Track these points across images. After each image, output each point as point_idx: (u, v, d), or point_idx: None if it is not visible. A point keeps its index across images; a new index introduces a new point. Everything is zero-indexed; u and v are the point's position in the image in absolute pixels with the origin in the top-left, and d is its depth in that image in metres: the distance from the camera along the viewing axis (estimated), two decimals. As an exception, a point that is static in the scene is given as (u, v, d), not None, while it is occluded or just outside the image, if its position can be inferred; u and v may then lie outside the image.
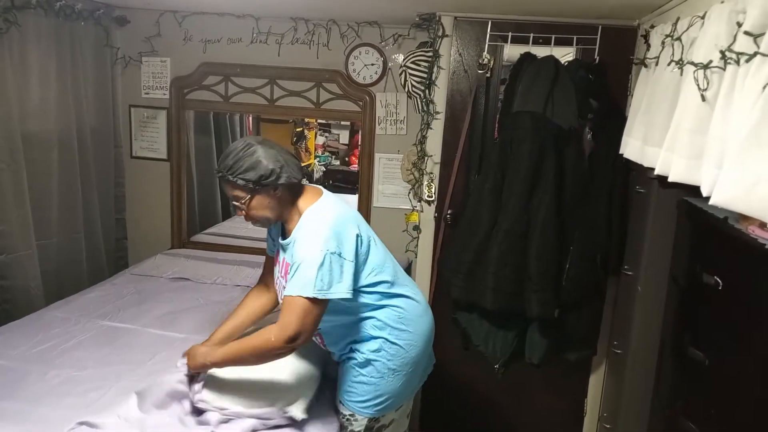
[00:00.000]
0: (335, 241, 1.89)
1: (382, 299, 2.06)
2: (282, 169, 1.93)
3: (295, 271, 1.87)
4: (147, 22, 3.61)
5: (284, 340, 1.82)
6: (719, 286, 1.64)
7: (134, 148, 3.84)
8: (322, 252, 1.85)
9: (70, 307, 2.87)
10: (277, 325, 1.85)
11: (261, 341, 1.88)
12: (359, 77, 3.53)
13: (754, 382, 1.43)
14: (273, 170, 1.91)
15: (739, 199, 1.24)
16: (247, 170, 1.91)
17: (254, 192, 1.94)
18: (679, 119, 1.67)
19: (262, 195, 1.96)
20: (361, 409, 2.08)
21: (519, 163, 2.58)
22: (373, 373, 2.05)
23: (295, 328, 1.82)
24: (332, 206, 2.02)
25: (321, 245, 1.86)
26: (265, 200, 1.97)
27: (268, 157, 1.92)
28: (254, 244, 4.02)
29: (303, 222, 1.97)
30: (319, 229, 1.90)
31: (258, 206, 1.97)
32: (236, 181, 1.92)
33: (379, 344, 2.05)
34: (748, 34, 1.31)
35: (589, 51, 2.79)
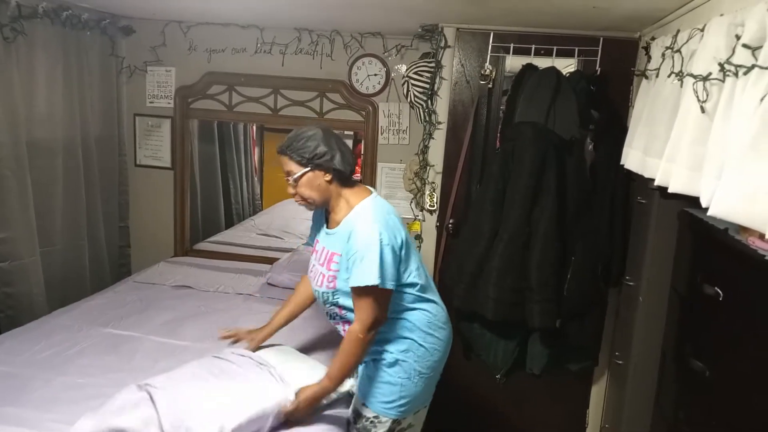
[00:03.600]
0: (389, 235, 1.99)
1: (415, 302, 2.13)
2: (335, 154, 2.05)
3: (357, 262, 1.95)
4: (152, 32, 3.65)
5: (367, 329, 1.97)
6: (720, 296, 1.64)
7: (138, 157, 3.86)
8: (380, 243, 1.95)
9: (73, 314, 2.88)
10: (357, 320, 1.99)
11: (352, 343, 2.00)
12: (362, 87, 3.56)
13: (756, 392, 1.43)
14: (326, 152, 2.03)
15: (737, 210, 1.24)
16: (303, 147, 2.04)
17: (307, 169, 2.05)
18: (679, 130, 1.68)
19: (313, 173, 2.06)
20: (386, 410, 2.11)
21: (520, 173, 2.59)
22: (400, 373, 2.10)
23: (371, 318, 1.97)
24: (382, 203, 2.13)
25: (379, 237, 1.96)
26: (315, 180, 2.06)
27: (326, 142, 2.05)
28: (257, 253, 4.04)
29: (356, 215, 2.06)
30: (375, 224, 1.99)
31: (307, 184, 2.07)
32: (293, 156, 2.04)
33: (408, 345, 2.11)
34: (746, 47, 1.32)
35: (590, 62, 2.81)
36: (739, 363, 1.54)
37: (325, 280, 2.11)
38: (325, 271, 2.11)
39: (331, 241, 2.11)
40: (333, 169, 2.06)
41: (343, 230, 2.05)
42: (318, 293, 2.18)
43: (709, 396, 1.70)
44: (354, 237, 1.99)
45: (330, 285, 2.10)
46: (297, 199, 2.11)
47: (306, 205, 2.14)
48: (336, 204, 2.12)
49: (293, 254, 3.71)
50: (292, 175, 2.06)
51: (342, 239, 2.04)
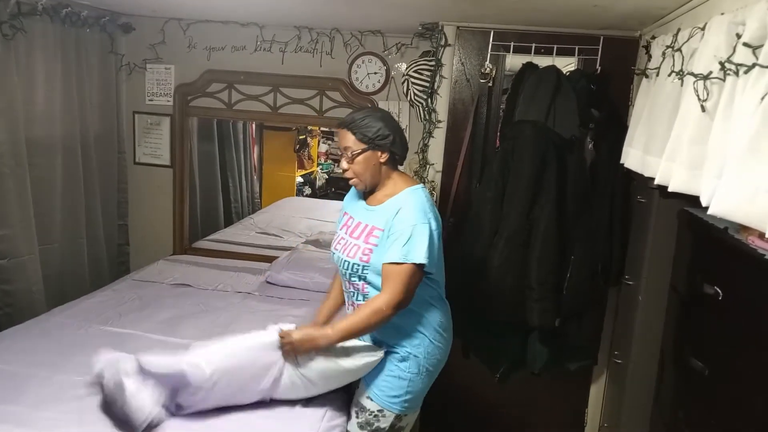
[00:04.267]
0: (437, 223, 2.06)
1: (433, 299, 2.16)
2: (396, 139, 2.11)
3: (403, 240, 1.98)
4: (152, 30, 3.64)
5: (393, 306, 1.97)
6: (719, 296, 1.64)
7: (137, 155, 3.86)
8: (429, 226, 2.01)
9: (71, 312, 2.88)
10: (387, 293, 1.98)
11: (373, 312, 2.00)
12: (362, 86, 3.55)
13: (755, 392, 1.43)
14: (389, 135, 2.09)
15: (737, 209, 1.24)
16: (368, 126, 2.08)
17: (367, 147, 2.09)
18: (679, 129, 1.68)
19: (371, 152, 2.10)
20: (392, 404, 2.12)
21: (520, 172, 2.59)
22: (411, 368, 2.11)
23: (401, 295, 1.97)
24: (428, 195, 2.17)
25: (427, 220, 2.02)
26: (371, 159, 2.11)
27: (388, 125, 2.11)
28: (256, 251, 4.04)
29: (406, 196, 2.10)
30: (425, 208, 2.06)
31: (363, 162, 2.11)
32: (356, 133, 2.08)
33: (420, 340, 2.13)
34: (747, 45, 1.32)
35: (590, 61, 2.81)
36: (738, 362, 1.54)
37: (359, 252, 2.10)
38: (362, 243, 2.11)
39: (373, 216, 2.13)
40: (390, 151, 2.11)
41: (390, 207, 2.08)
42: (347, 264, 2.14)
43: (709, 396, 1.70)
44: (404, 214, 2.03)
45: (364, 258, 2.09)
46: (349, 174, 2.15)
47: (355, 182, 2.16)
48: (383, 184, 2.16)
49: (292, 253, 3.71)
50: (350, 151, 2.10)
51: (387, 215, 2.07)
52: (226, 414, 2.10)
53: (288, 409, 2.16)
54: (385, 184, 2.16)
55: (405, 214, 2.03)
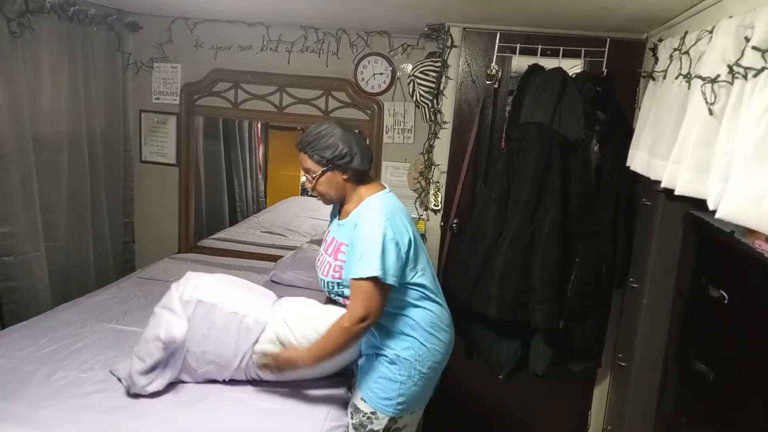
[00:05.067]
0: (394, 230, 2.02)
1: (419, 299, 2.14)
2: (355, 155, 2.09)
3: (358, 254, 1.98)
4: (159, 29, 3.65)
5: (357, 321, 1.96)
6: (725, 299, 1.64)
7: (143, 153, 3.87)
8: (384, 237, 1.98)
9: (76, 309, 2.89)
10: (349, 310, 2.00)
11: (338, 331, 2.02)
12: (368, 86, 3.55)
13: (760, 396, 1.42)
14: (347, 153, 2.07)
15: (745, 213, 1.24)
16: (324, 148, 2.08)
17: (326, 169, 2.10)
18: (686, 132, 1.68)
19: (332, 173, 2.11)
20: (384, 407, 2.11)
21: (525, 173, 2.59)
22: (401, 370, 2.10)
23: (362, 310, 1.96)
24: (393, 200, 2.16)
25: (383, 231, 1.99)
26: (333, 179, 2.12)
27: (345, 142, 2.08)
28: (261, 250, 4.04)
29: (365, 207, 2.10)
30: (381, 218, 2.02)
31: (325, 182, 2.12)
32: (312, 155, 2.09)
33: (410, 343, 2.11)
34: (755, 49, 1.32)
35: (597, 63, 2.80)
36: (744, 366, 1.54)
37: (331, 270, 2.13)
38: (332, 261, 2.14)
39: (341, 231, 2.15)
40: (350, 168, 2.10)
41: (351, 221, 2.09)
42: (323, 282, 2.19)
43: (713, 399, 1.69)
44: (359, 228, 2.03)
45: (335, 275, 2.11)
46: (315, 194, 2.19)
47: (322, 200, 2.20)
48: (349, 197, 2.17)
49: (297, 252, 3.71)
50: (311, 173, 2.12)
51: (349, 229, 2.08)
52: (227, 414, 2.11)
53: (290, 409, 2.17)
54: (351, 198, 2.16)
55: (360, 227, 2.03)
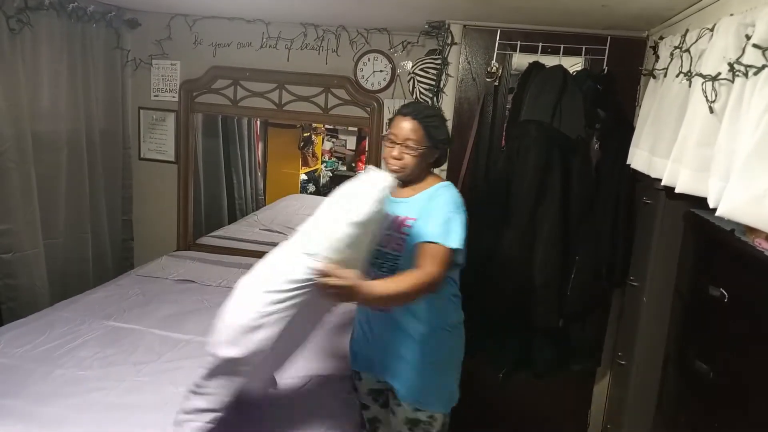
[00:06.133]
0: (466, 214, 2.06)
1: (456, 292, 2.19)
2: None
3: (441, 222, 1.98)
4: (158, 25, 3.64)
5: (432, 283, 1.91)
6: (725, 298, 1.63)
7: (142, 150, 3.86)
8: (463, 216, 2.03)
9: (75, 306, 2.88)
10: (427, 269, 1.92)
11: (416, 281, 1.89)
12: (367, 83, 3.54)
13: (761, 395, 1.42)
14: (449, 142, 2.20)
15: (745, 211, 1.23)
16: (438, 127, 2.12)
17: (430, 146, 2.10)
18: (686, 131, 1.67)
19: (430, 152, 2.11)
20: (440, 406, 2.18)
21: (525, 172, 2.58)
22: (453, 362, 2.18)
23: (439, 274, 1.92)
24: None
25: (462, 210, 2.05)
26: (426, 157, 2.12)
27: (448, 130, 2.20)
28: (260, 248, 4.03)
29: (440, 188, 2.12)
30: (459, 200, 2.08)
31: (420, 158, 2.09)
32: (426, 128, 2.08)
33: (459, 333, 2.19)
34: (756, 47, 1.31)
35: (597, 61, 2.79)
36: (744, 366, 1.53)
37: (392, 242, 2.08)
38: (395, 233, 2.09)
39: (403, 207, 2.11)
40: (442, 156, 2.19)
41: (423, 198, 2.10)
42: (379, 253, 2.09)
43: (713, 399, 1.69)
44: (441, 201, 2.05)
45: (398, 247, 2.07)
46: (395, 163, 2.09)
47: (397, 170, 2.10)
48: (420, 177, 2.15)
49: (296, 250, 3.70)
50: (412, 142, 2.06)
51: (419, 205, 2.08)
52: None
53: (290, 405, 2.16)
54: (421, 178, 2.15)
55: (442, 201, 2.05)
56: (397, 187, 2.11)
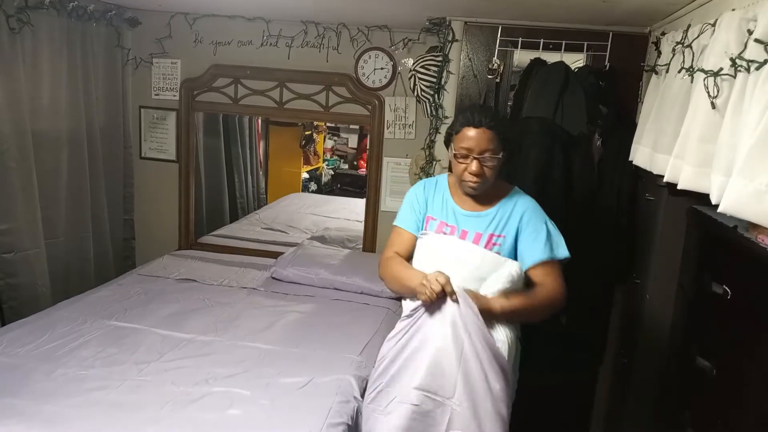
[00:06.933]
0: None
1: None
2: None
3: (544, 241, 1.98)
4: (158, 24, 3.63)
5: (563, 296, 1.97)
6: (728, 295, 1.62)
7: (143, 149, 3.86)
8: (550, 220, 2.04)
9: (77, 306, 2.88)
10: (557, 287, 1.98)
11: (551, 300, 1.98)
12: (369, 81, 3.54)
13: (762, 392, 1.41)
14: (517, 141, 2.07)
15: (747, 207, 1.22)
16: (509, 129, 2.02)
17: (505, 153, 1.99)
18: (688, 126, 1.66)
19: (504, 157, 1.99)
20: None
21: (527, 168, 2.58)
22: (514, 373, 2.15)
23: (564, 288, 1.99)
24: None
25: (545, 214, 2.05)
26: (501, 163, 2.00)
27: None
28: (261, 247, 4.03)
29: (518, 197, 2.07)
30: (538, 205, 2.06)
31: (499, 165, 1.99)
32: (499, 133, 1.95)
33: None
34: (758, 41, 1.30)
35: (599, 57, 2.78)
36: (746, 362, 1.52)
37: None
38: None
39: (482, 222, 2.03)
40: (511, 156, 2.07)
41: (505, 210, 2.03)
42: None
43: (715, 395, 1.68)
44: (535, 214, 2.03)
45: None
46: (475, 180, 1.96)
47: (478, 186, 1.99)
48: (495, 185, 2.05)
49: (298, 248, 3.70)
50: (489, 153, 1.93)
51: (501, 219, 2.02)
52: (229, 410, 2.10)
53: (291, 407, 2.16)
54: (497, 184, 2.06)
55: (531, 214, 2.02)
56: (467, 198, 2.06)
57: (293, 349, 2.59)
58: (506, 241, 2.00)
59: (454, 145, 1.98)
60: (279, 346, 2.61)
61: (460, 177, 2.00)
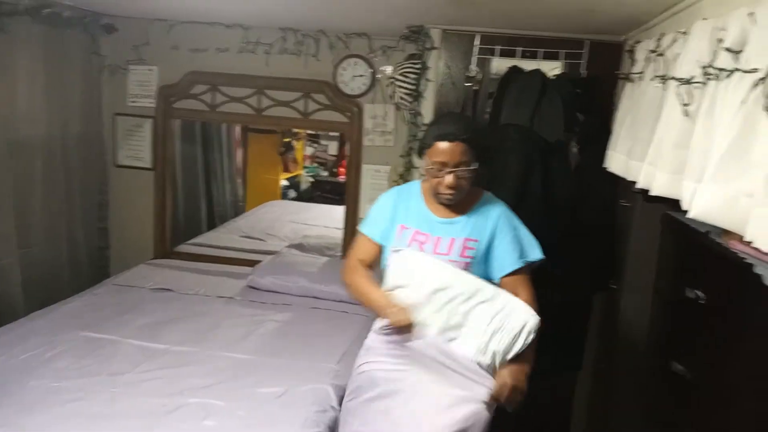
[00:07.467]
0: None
1: None
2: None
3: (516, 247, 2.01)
4: (135, 31, 3.60)
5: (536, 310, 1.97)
6: (702, 300, 1.64)
7: (119, 157, 3.81)
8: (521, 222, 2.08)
9: (50, 316, 2.83)
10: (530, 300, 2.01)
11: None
12: (347, 88, 3.53)
13: (737, 395, 1.43)
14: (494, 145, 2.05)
15: (717, 213, 1.24)
16: (483, 138, 2.00)
17: (479, 162, 1.96)
18: (661, 134, 1.68)
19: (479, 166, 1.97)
20: None
21: (505, 176, 2.59)
22: None
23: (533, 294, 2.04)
24: None
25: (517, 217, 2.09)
26: (475, 172, 1.98)
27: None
28: (239, 255, 4.00)
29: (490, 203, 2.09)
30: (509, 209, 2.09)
31: (472, 177, 1.98)
32: (472, 144, 1.93)
33: None
34: (728, 50, 1.32)
35: (575, 65, 2.82)
36: (721, 366, 1.54)
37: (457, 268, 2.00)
38: (458, 258, 2.00)
39: (457, 228, 2.03)
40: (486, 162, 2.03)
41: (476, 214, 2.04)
42: None
43: (691, 399, 1.70)
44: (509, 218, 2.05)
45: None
46: (450, 192, 1.96)
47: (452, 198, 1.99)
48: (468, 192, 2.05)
49: (276, 257, 3.68)
50: (464, 165, 1.92)
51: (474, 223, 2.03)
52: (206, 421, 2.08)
53: (267, 416, 2.14)
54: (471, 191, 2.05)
55: (509, 217, 2.05)
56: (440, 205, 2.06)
57: (270, 359, 2.57)
58: (480, 245, 2.02)
59: (428, 159, 1.98)
60: (256, 356, 2.58)
61: (435, 189, 2.00)
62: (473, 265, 2.01)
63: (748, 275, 1.37)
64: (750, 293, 1.36)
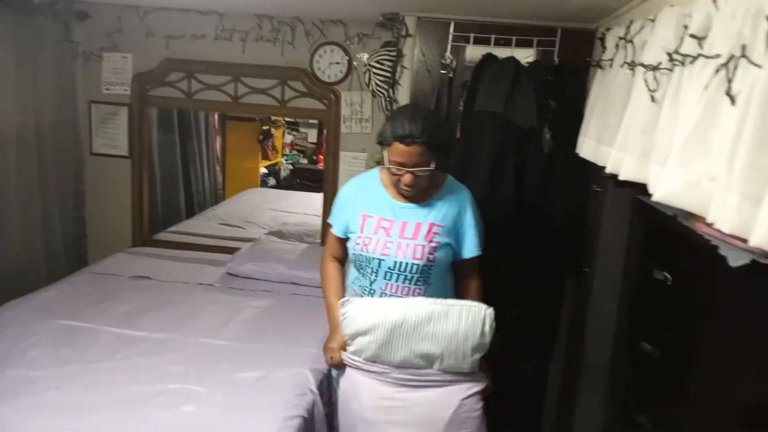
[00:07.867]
0: None
1: None
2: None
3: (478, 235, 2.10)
4: (108, 17, 3.56)
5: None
6: (669, 281, 1.68)
7: (94, 145, 3.78)
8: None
9: (27, 305, 2.82)
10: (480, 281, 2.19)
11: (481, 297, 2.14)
12: (324, 75, 3.53)
13: (703, 373, 1.48)
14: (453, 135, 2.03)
15: (681, 196, 1.28)
16: (441, 135, 1.98)
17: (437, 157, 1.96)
18: (630, 119, 1.72)
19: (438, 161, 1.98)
20: None
21: (479, 162, 2.61)
22: None
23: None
24: None
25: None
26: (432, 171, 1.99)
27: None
28: (218, 243, 4.00)
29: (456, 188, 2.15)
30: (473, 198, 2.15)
31: (432, 174, 2.00)
32: (430, 144, 1.92)
33: None
34: (693, 37, 1.35)
35: (548, 53, 2.84)
36: (686, 346, 1.59)
37: (425, 252, 2.02)
38: (424, 242, 2.02)
39: (422, 213, 2.06)
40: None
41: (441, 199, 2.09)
42: (407, 266, 2.03)
43: (660, 378, 1.74)
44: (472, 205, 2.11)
45: (430, 257, 2.04)
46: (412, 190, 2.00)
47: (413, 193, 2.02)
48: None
49: (255, 244, 3.69)
50: (422, 165, 1.93)
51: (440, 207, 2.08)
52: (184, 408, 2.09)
53: (247, 402, 2.16)
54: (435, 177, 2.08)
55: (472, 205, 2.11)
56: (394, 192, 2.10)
57: (249, 345, 2.59)
58: (444, 230, 2.07)
59: (387, 156, 2.00)
60: (235, 342, 2.60)
61: (395, 184, 2.04)
62: (438, 249, 2.05)
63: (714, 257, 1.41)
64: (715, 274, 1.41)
